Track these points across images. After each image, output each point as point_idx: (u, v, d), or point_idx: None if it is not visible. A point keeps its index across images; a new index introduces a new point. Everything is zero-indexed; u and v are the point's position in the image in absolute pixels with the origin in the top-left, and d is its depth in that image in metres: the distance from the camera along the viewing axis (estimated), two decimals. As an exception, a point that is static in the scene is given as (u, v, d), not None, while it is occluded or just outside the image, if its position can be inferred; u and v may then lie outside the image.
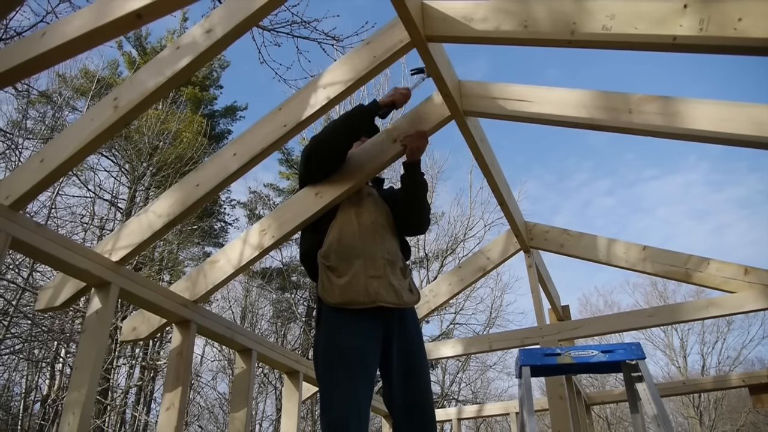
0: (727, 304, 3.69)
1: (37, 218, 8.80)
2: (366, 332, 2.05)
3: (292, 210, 2.87)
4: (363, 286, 2.06)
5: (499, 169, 3.54)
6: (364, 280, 2.08)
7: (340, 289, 2.07)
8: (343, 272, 2.11)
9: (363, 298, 2.05)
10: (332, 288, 2.09)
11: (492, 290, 16.01)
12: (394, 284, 2.13)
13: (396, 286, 2.13)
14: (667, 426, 2.08)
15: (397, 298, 2.11)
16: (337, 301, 2.06)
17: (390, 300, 2.08)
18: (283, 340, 14.90)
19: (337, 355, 2.01)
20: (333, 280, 2.11)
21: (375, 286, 2.07)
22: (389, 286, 2.11)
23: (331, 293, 2.08)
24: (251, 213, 17.67)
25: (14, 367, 10.43)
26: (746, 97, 10.02)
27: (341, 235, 2.24)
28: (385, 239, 2.27)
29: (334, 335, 2.07)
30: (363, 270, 2.10)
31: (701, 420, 20.83)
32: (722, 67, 32.43)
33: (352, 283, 2.07)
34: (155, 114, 13.15)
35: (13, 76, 1.98)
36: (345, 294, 2.06)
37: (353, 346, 2.01)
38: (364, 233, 2.23)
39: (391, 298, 2.09)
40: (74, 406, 2.13)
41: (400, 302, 2.12)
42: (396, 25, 2.29)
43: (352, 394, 1.93)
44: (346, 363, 1.98)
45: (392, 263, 2.20)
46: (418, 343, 2.17)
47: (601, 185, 35.76)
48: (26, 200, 2.13)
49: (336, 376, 1.97)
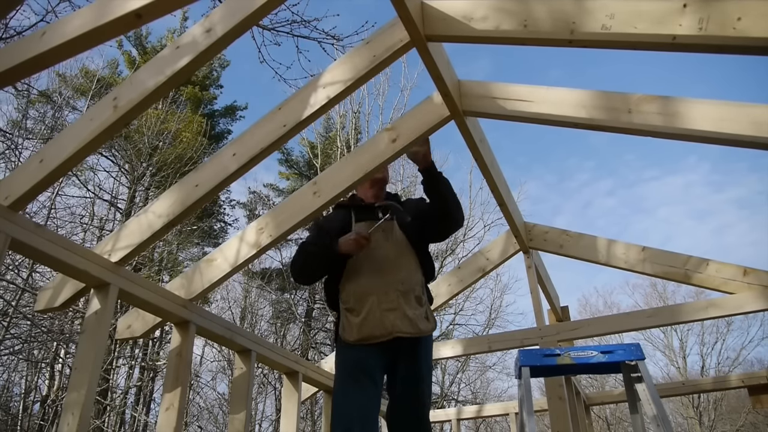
0: (727, 305, 3.68)
1: (36, 219, 8.79)
2: (374, 350, 2.16)
3: (289, 209, 2.87)
4: (379, 320, 2.16)
5: (499, 170, 3.54)
6: (379, 314, 2.17)
7: (357, 327, 2.17)
8: (360, 310, 2.20)
9: (379, 332, 2.15)
10: (350, 327, 2.20)
11: (491, 291, 16.04)
12: (409, 314, 2.20)
13: (411, 316, 2.20)
14: (666, 426, 2.07)
15: (413, 328, 2.19)
16: (355, 339, 2.17)
17: (406, 330, 2.17)
18: (283, 340, 14.89)
19: (348, 368, 2.14)
20: (351, 319, 2.21)
21: (391, 319, 2.16)
22: (404, 317, 2.18)
23: (350, 332, 2.19)
24: (251, 213, 17.67)
25: (14, 368, 10.43)
26: (746, 97, 10.03)
27: (356, 278, 2.31)
28: (399, 269, 2.30)
29: (347, 351, 2.19)
30: (377, 305, 2.19)
31: (701, 420, 20.82)
32: (722, 67, 32.45)
33: (368, 318, 2.17)
34: (155, 114, 13.15)
35: (13, 75, 1.97)
36: (362, 330, 2.16)
37: (363, 360, 2.13)
38: (375, 270, 2.29)
39: (406, 328, 2.17)
40: (74, 406, 2.13)
41: (416, 331, 2.20)
42: (396, 25, 2.29)
43: (357, 404, 2.04)
44: (354, 375, 2.10)
45: (406, 294, 2.25)
46: (425, 361, 2.24)
47: (602, 186, 35.79)
48: (26, 201, 2.13)
49: (344, 387, 2.11)
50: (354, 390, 2.09)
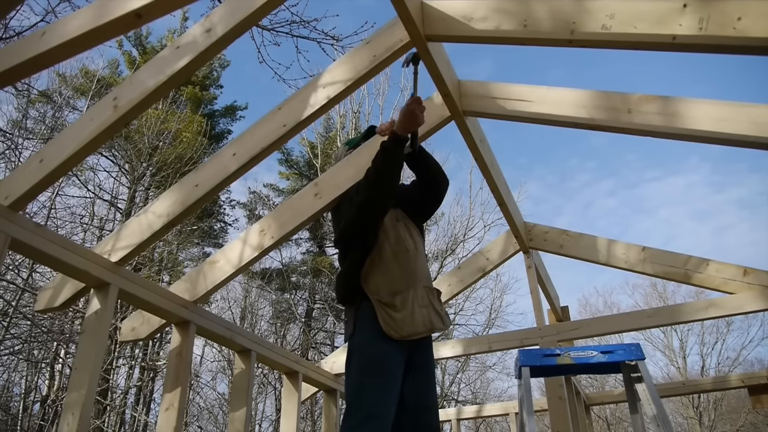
0: (727, 305, 3.68)
1: (36, 219, 8.79)
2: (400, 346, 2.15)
3: (291, 210, 2.87)
4: (420, 317, 2.17)
5: (499, 170, 3.54)
6: (418, 311, 2.18)
7: (401, 323, 2.15)
8: (400, 306, 2.18)
9: (422, 329, 2.16)
10: (394, 323, 2.16)
11: (491, 291, 16.03)
12: (439, 310, 2.24)
13: (442, 313, 2.25)
14: (666, 426, 2.08)
15: (443, 323, 2.23)
16: (402, 335, 2.14)
17: (439, 326, 2.21)
18: (283, 340, 14.89)
19: (377, 360, 2.11)
20: (393, 315, 2.17)
21: (427, 315, 2.19)
22: (437, 313, 2.22)
23: (396, 328, 2.15)
24: (251, 213, 17.67)
25: (14, 368, 10.43)
26: (746, 97, 10.03)
27: (384, 270, 2.24)
28: (421, 265, 2.31)
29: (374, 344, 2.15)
30: (414, 301, 2.19)
31: (701, 420, 20.82)
32: (722, 67, 32.44)
33: (412, 314, 2.17)
34: (155, 114, 13.15)
35: (13, 75, 1.97)
36: (407, 328, 2.15)
37: (390, 354, 2.12)
38: (403, 262, 2.26)
39: (439, 324, 2.21)
40: (74, 406, 2.13)
41: (445, 326, 2.24)
42: (396, 25, 2.29)
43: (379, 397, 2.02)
44: (377, 369, 2.08)
45: (430, 290, 2.27)
46: (433, 360, 2.27)
47: (603, 186, 35.77)
48: (26, 201, 2.13)
49: (379, 379, 2.07)
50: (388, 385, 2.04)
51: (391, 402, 2.01)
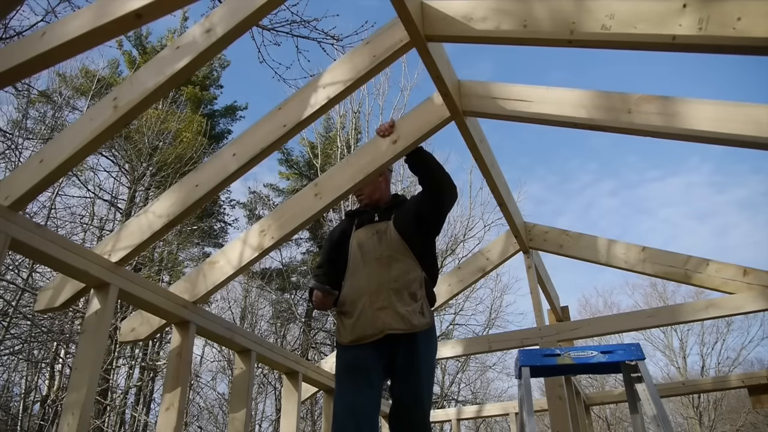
0: (727, 305, 3.68)
1: (36, 219, 8.79)
2: (370, 350, 2.19)
3: (291, 210, 2.87)
4: (371, 319, 2.19)
5: (499, 170, 3.54)
6: (371, 314, 2.20)
7: (350, 328, 2.22)
8: (352, 312, 2.24)
9: (371, 331, 2.18)
10: (344, 329, 2.24)
11: (492, 291, 16.04)
12: (401, 311, 2.21)
13: (402, 313, 2.21)
14: (666, 426, 2.07)
15: (405, 324, 2.20)
16: (349, 340, 2.22)
17: (397, 327, 2.19)
18: (283, 340, 14.89)
19: (343, 369, 2.18)
20: (344, 321, 2.26)
21: (382, 317, 2.19)
22: (396, 314, 2.20)
23: (344, 334, 2.24)
24: (251, 213, 17.68)
25: (14, 368, 10.43)
26: (746, 97, 9.99)
27: (350, 281, 2.37)
28: (392, 268, 2.32)
29: (343, 353, 2.24)
30: (369, 305, 2.22)
31: (701, 420, 20.82)
32: (722, 68, 32.43)
33: (360, 319, 2.21)
34: (155, 114, 13.14)
35: (13, 75, 1.97)
36: (354, 331, 2.21)
37: (358, 361, 2.17)
38: (368, 272, 2.32)
39: (398, 324, 2.19)
40: (74, 406, 2.13)
41: (408, 327, 2.21)
42: (396, 25, 2.29)
43: (352, 404, 2.07)
44: (350, 376, 2.14)
45: (398, 291, 2.26)
46: (423, 361, 2.22)
47: (604, 187, 35.75)
48: (26, 201, 2.13)
49: (341, 387, 2.15)
50: (349, 391, 2.12)
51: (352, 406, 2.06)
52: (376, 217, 2.51)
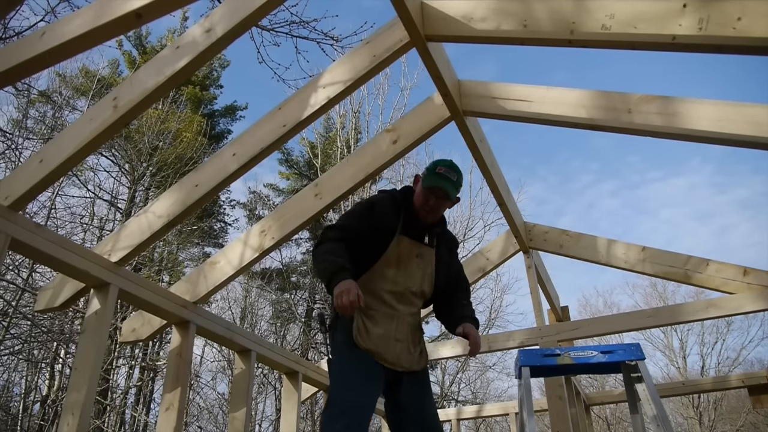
0: (727, 305, 3.68)
1: (36, 219, 8.79)
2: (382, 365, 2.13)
3: (291, 211, 2.88)
4: (392, 348, 2.13)
5: (499, 170, 3.54)
6: (393, 342, 2.14)
7: (374, 340, 2.11)
8: (380, 325, 2.14)
9: (389, 357, 2.11)
10: (367, 335, 2.11)
11: (492, 291, 16.03)
12: (411, 351, 2.19)
13: (412, 353, 2.19)
14: (666, 426, 2.07)
15: (410, 365, 2.18)
16: (368, 348, 2.10)
17: (405, 366, 2.15)
18: (283, 340, 14.89)
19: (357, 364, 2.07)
20: (368, 327, 2.13)
21: (398, 351, 2.14)
22: (407, 353, 2.17)
23: (365, 339, 2.10)
24: (251, 213, 17.68)
25: (14, 368, 10.43)
26: (746, 97, 9.99)
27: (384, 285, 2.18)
28: (413, 305, 2.26)
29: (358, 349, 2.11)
30: (394, 331, 2.15)
31: (701, 420, 20.82)
32: (722, 68, 32.44)
33: (384, 339, 2.12)
34: (155, 114, 13.14)
35: (13, 75, 1.97)
36: (378, 346, 2.10)
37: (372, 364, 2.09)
38: (402, 293, 2.21)
39: (406, 363, 2.16)
40: (74, 406, 2.13)
41: (411, 368, 2.18)
42: (396, 25, 2.29)
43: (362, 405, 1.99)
44: (364, 375, 2.05)
45: (414, 329, 2.24)
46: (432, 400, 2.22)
47: (606, 187, 35.75)
48: (26, 201, 2.13)
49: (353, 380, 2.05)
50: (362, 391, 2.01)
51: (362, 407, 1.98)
52: (426, 238, 2.26)
